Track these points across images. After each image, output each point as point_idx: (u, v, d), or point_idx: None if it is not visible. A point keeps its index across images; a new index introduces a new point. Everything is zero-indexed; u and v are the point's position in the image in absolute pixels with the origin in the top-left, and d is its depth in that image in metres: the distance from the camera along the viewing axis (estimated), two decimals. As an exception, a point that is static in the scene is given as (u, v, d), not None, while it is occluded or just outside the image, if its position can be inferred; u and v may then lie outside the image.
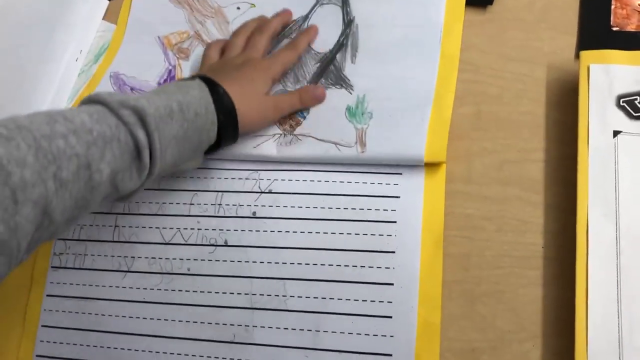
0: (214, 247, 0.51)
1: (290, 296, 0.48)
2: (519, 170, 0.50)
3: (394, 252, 0.48)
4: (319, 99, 0.53)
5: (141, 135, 0.42)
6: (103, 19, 0.65)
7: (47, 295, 0.53)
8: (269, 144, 0.52)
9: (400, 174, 0.50)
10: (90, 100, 0.43)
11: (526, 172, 0.49)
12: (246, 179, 0.52)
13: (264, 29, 0.56)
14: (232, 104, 0.48)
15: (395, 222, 0.48)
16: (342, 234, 0.49)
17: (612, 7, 0.53)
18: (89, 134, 0.39)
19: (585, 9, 0.54)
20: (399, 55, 0.54)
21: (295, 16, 0.58)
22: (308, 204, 0.50)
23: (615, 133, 0.46)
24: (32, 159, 0.36)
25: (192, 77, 0.49)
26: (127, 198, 0.45)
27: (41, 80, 0.60)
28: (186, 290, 0.50)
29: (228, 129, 0.49)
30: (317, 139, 0.52)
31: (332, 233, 0.49)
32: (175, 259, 0.51)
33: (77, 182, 0.39)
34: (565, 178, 0.48)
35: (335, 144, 0.51)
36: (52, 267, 0.53)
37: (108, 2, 0.65)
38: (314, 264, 0.49)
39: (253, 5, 0.60)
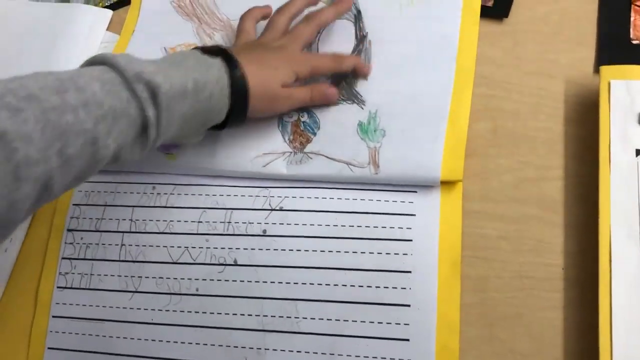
0: (223, 267, 0.49)
1: (303, 318, 0.47)
2: (537, 188, 0.48)
3: (410, 271, 0.46)
4: (329, 99, 0.52)
5: (151, 112, 0.41)
6: (107, 29, 0.63)
7: (53, 317, 0.51)
8: (278, 162, 0.51)
9: (415, 191, 0.49)
10: (105, 62, 0.41)
11: (544, 190, 0.48)
12: (256, 196, 0.51)
13: (313, 20, 0.54)
14: (247, 89, 0.47)
15: (411, 240, 0.47)
16: (356, 252, 0.48)
17: (632, 19, 0.52)
18: (100, 108, 0.38)
19: (603, 21, 0.53)
20: (413, 70, 0.52)
21: None
22: (320, 222, 0.49)
23: (638, 152, 0.45)
24: (38, 135, 0.35)
25: (216, 51, 0.47)
26: (121, 165, 0.44)
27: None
28: (195, 312, 0.49)
29: (237, 112, 0.48)
30: (329, 158, 0.50)
31: (345, 252, 0.48)
32: (183, 278, 0.50)
33: (82, 157, 0.38)
34: (585, 197, 0.47)
35: (348, 164, 0.50)
36: (57, 287, 0.52)
37: (112, 12, 0.64)
38: (326, 284, 0.47)
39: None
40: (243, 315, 0.48)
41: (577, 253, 0.46)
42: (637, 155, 0.45)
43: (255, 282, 0.49)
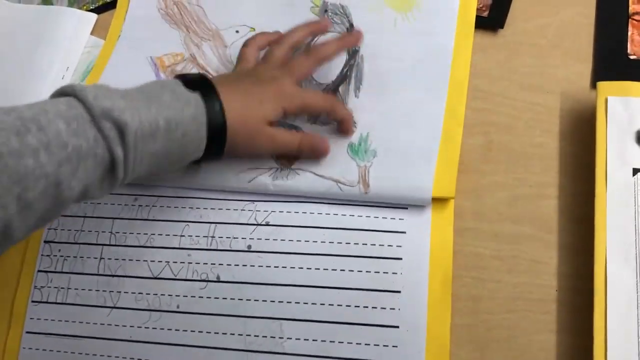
0: (205, 283, 0.48)
1: (288, 338, 0.45)
2: (532, 206, 0.47)
3: (399, 291, 0.45)
4: (319, 153, 0.49)
5: (119, 151, 0.39)
6: (91, 34, 0.61)
7: (27, 332, 0.49)
8: (264, 178, 0.49)
9: (406, 208, 0.47)
10: (71, 94, 0.39)
11: (539, 209, 0.47)
12: (242, 210, 0.49)
13: (314, 53, 0.50)
14: (224, 125, 0.44)
15: (400, 259, 0.46)
16: (344, 270, 0.46)
17: (629, 33, 0.51)
18: (64, 149, 0.36)
19: (600, 36, 0.52)
20: (406, 87, 0.51)
21: None
22: (307, 238, 0.48)
23: (635, 171, 0.44)
24: None
25: (197, 82, 0.44)
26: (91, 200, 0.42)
27: (25, 98, 0.56)
28: (176, 329, 0.47)
29: (213, 148, 0.45)
30: (317, 175, 0.49)
31: (332, 270, 0.46)
32: (164, 294, 0.48)
33: (43, 200, 0.36)
34: (580, 217, 0.46)
35: (337, 181, 0.48)
36: (32, 301, 0.50)
37: (96, 16, 0.62)
38: (313, 303, 0.46)
39: (252, 29, 0.56)
40: (226, 334, 0.46)
41: (572, 275, 0.44)
42: (634, 174, 0.44)
43: (239, 299, 0.47)
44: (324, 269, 0.46)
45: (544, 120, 0.50)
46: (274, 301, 0.46)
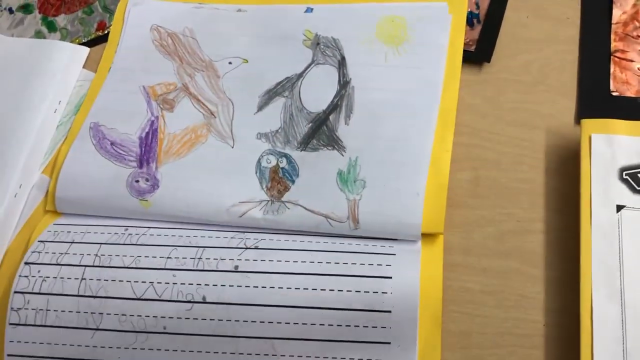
0: (190, 304, 0.47)
1: (282, 355, 0.45)
2: (519, 242, 0.48)
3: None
4: None
5: None
6: (84, 67, 0.62)
7: (8, 355, 0.48)
8: (255, 212, 0.50)
9: (395, 239, 0.48)
10: None
11: (526, 244, 0.48)
12: (231, 237, 0.50)
13: None
14: None
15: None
16: (333, 290, 0.46)
17: (612, 69, 0.52)
18: None
19: (583, 72, 0.53)
20: (395, 116, 0.52)
21: (289, 74, 0.56)
22: (296, 259, 0.48)
23: (619, 208, 0.45)
24: None
25: None
26: None
27: (17, 132, 0.57)
28: (165, 349, 0.47)
29: None
30: (307, 210, 0.49)
31: (321, 289, 0.46)
32: (148, 316, 0.47)
33: None
34: (566, 252, 0.47)
35: (326, 217, 0.49)
36: (10, 323, 0.49)
37: (89, 49, 0.63)
38: (303, 323, 0.46)
39: (245, 60, 0.57)
40: (217, 353, 0.46)
41: (559, 310, 0.45)
42: (617, 211, 0.45)
43: (227, 320, 0.46)
44: (313, 289, 0.46)
45: (530, 155, 0.51)
46: (263, 322, 0.46)
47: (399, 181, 0.49)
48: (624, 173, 0.46)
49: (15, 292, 0.50)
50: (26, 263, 0.51)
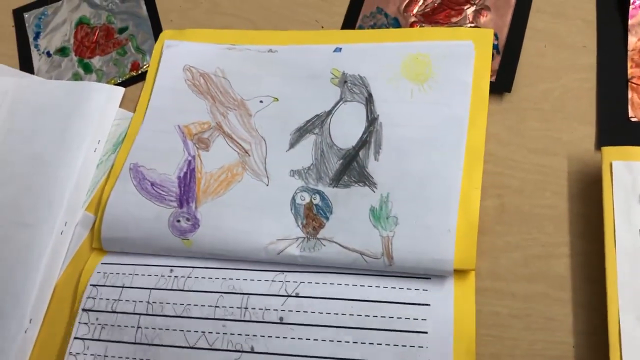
0: (240, 353, 0.50)
1: None
2: (545, 266, 0.50)
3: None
4: None
5: None
6: (120, 106, 0.65)
7: None
8: (292, 249, 0.52)
9: (429, 278, 0.50)
10: None
11: (552, 268, 0.50)
12: (272, 280, 0.52)
13: None
14: None
15: (426, 332, 0.48)
16: (373, 344, 0.48)
17: (629, 96, 0.54)
18: None
19: (602, 99, 0.55)
20: (423, 152, 0.54)
21: (319, 111, 0.58)
22: (336, 310, 0.50)
23: (641, 232, 0.47)
24: None
25: None
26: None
27: (60, 172, 0.60)
28: None
29: None
30: (342, 247, 0.51)
31: (361, 342, 0.48)
32: None
33: None
34: (592, 276, 0.48)
35: (361, 254, 0.51)
36: None
37: (124, 89, 0.66)
38: None
39: (276, 99, 0.60)
40: None
41: (587, 332, 0.47)
42: (641, 235, 0.47)
43: None
44: (354, 342, 0.48)
45: (553, 182, 0.53)
46: None
47: (430, 218, 0.51)
48: (645, 198, 0.48)
49: (76, 337, 0.53)
50: (84, 310, 0.54)
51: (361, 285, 0.50)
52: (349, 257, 0.51)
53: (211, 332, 0.51)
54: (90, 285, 0.55)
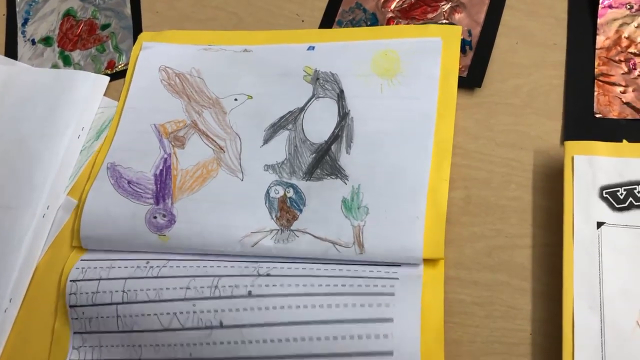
0: (209, 330, 0.51)
1: None
2: (508, 256, 0.51)
3: (392, 319, 0.48)
4: None
5: None
6: (104, 95, 0.67)
7: None
8: (266, 241, 0.54)
9: (399, 265, 0.51)
10: None
11: (514, 258, 0.51)
12: (245, 267, 0.53)
13: None
14: None
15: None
16: (339, 305, 0.49)
17: (596, 93, 0.56)
18: None
19: (569, 96, 0.56)
20: (393, 145, 0.55)
21: (292, 108, 0.59)
22: (305, 282, 0.51)
23: (599, 224, 0.48)
24: None
25: None
26: None
27: (44, 157, 0.62)
28: None
29: None
30: (315, 237, 0.53)
31: (327, 305, 0.49)
32: (177, 344, 0.52)
33: None
34: (551, 266, 0.50)
35: (334, 243, 0.52)
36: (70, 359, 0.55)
37: (108, 78, 0.67)
38: (309, 339, 0.49)
39: (250, 97, 0.61)
40: None
41: (545, 320, 0.49)
42: (598, 227, 0.48)
43: (241, 342, 0.50)
44: (320, 306, 0.49)
45: (519, 175, 0.54)
46: (273, 341, 0.50)
47: (399, 207, 0.52)
48: (604, 192, 0.49)
49: (75, 332, 0.55)
50: (70, 306, 0.56)
51: (332, 269, 0.52)
52: (321, 247, 0.53)
53: (182, 313, 0.52)
54: (70, 281, 0.56)
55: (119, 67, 0.69)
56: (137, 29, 0.70)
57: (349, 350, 0.48)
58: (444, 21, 0.62)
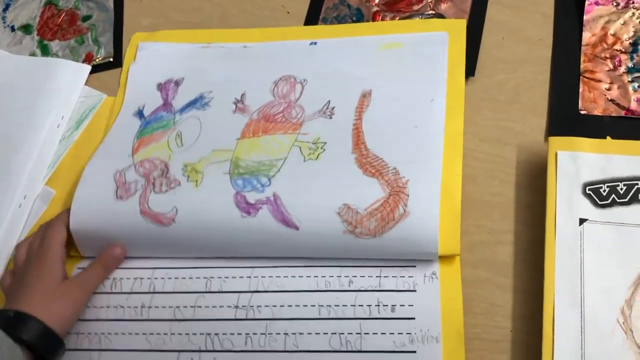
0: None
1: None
2: (490, 252, 0.51)
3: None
4: (119, 259, 0.54)
5: None
6: (85, 84, 0.65)
7: None
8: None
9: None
10: None
11: (496, 254, 0.51)
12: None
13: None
14: (42, 329, 0.47)
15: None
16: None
17: (580, 89, 0.55)
18: None
19: (554, 91, 0.56)
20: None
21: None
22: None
23: (582, 221, 0.48)
24: None
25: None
26: None
27: (22, 146, 0.61)
28: None
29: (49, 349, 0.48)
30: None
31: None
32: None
33: None
34: (533, 262, 0.50)
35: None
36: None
37: (90, 67, 0.66)
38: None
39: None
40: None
41: (526, 317, 0.48)
42: (580, 224, 0.48)
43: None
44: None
45: (503, 171, 0.54)
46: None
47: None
48: (587, 188, 0.49)
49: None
50: None
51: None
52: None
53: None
54: None
55: (97, 60, 0.67)
56: (118, 24, 0.69)
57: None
58: (430, 12, 0.61)
